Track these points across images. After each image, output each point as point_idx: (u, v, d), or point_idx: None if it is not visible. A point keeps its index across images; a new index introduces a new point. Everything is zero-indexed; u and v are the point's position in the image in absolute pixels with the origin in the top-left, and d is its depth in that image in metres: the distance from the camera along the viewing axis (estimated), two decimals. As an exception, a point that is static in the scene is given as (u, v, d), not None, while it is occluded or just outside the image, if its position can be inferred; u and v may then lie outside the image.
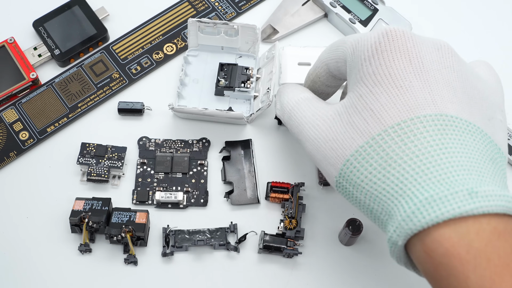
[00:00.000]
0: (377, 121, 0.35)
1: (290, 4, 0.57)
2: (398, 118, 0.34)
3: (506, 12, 0.59)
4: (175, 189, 0.49)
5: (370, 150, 0.35)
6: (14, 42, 0.54)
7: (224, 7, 0.58)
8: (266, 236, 0.46)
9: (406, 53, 0.36)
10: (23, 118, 0.52)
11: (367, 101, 0.36)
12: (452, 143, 0.33)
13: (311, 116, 0.41)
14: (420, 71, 0.36)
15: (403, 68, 0.36)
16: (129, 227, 0.45)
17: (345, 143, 0.37)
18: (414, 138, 0.34)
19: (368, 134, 0.35)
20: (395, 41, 0.36)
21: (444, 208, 0.31)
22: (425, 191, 0.32)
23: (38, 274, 0.46)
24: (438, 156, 0.33)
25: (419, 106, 0.35)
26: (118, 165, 0.49)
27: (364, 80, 0.37)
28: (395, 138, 0.34)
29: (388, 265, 0.47)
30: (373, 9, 0.56)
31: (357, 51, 0.38)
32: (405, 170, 0.33)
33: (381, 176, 0.34)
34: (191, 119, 0.52)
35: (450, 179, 0.32)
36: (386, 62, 0.36)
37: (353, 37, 0.39)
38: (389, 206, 0.34)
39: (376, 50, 0.37)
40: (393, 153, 0.34)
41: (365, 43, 0.37)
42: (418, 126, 0.34)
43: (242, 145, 0.51)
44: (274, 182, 0.48)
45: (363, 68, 0.37)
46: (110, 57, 0.55)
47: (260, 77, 0.52)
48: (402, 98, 0.35)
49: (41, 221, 0.48)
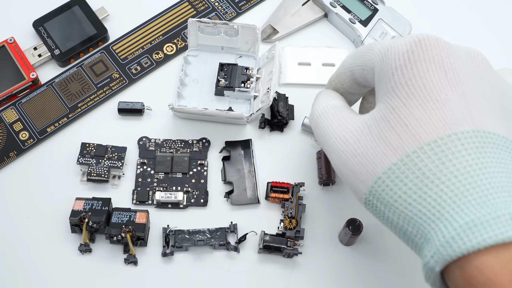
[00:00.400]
0: (412, 137, 0.33)
1: (290, 4, 0.57)
2: (434, 135, 0.32)
3: (506, 12, 0.59)
4: (175, 189, 0.49)
5: (405, 168, 0.33)
6: (14, 42, 0.54)
7: (224, 7, 0.58)
8: (266, 236, 0.46)
9: (440, 64, 0.34)
10: (23, 118, 0.52)
11: (400, 114, 0.34)
12: (491, 162, 0.32)
13: (337, 126, 0.38)
14: (455, 83, 0.34)
15: (438, 80, 0.34)
16: (129, 227, 0.45)
17: (376, 159, 0.34)
18: (452, 156, 0.32)
19: (402, 151, 0.33)
20: (429, 50, 0.34)
21: (486, 234, 0.29)
22: (465, 215, 0.30)
23: (38, 274, 0.46)
24: (478, 177, 0.31)
25: (456, 122, 0.33)
26: (118, 165, 0.49)
27: (396, 91, 0.35)
28: (432, 156, 0.32)
29: (388, 265, 0.47)
30: (373, 9, 0.56)
31: (386, 59, 0.36)
32: (443, 191, 0.31)
33: (416, 197, 0.32)
34: (191, 119, 0.52)
35: (491, 201, 0.30)
36: (420, 72, 0.34)
37: (382, 44, 0.37)
38: (426, 230, 0.32)
39: (409, 59, 0.34)
40: (430, 172, 0.32)
41: (396, 50, 0.35)
42: (456, 144, 0.32)
43: (242, 145, 0.51)
44: (274, 182, 0.48)
45: (394, 78, 0.35)
46: (110, 57, 0.55)
47: (260, 77, 0.52)
48: (439, 113, 0.33)
49: (41, 221, 0.48)
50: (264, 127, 0.51)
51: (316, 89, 0.54)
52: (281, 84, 0.54)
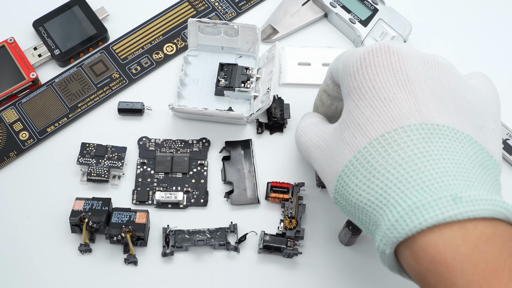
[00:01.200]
0: (363, 134, 0.36)
1: (290, 4, 0.57)
2: (382, 130, 0.35)
3: (505, 12, 0.59)
4: (175, 189, 0.49)
5: (357, 164, 0.35)
6: (14, 42, 0.54)
7: (224, 7, 0.58)
8: (266, 236, 0.46)
9: (389, 67, 0.36)
10: (23, 118, 0.52)
11: (354, 115, 0.37)
12: (437, 150, 0.33)
13: (315, 138, 0.42)
14: (404, 83, 0.36)
15: (386, 81, 0.36)
16: (129, 227, 0.45)
17: (337, 159, 0.37)
18: (398, 147, 0.34)
19: (355, 148, 0.36)
20: (379, 56, 0.37)
21: (427, 214, 0.31)
22: (408, 199, 0.32)
23: (38, 274, 0.46)
24: (422, 164, 0.33)
25: (403, 116, 0.35)
26: (118, 165, 0.49)
27: (351, 95, 0.37)
28: (379, 149, 0.34)
29: (388, 265, 0.47)
30: (373, 9, 0.56)
31: (345, 67, 0.39)
32: (389, 179, 0.33)
33: (365, 188, 0.34)
34: (191, 119, 0.52)
35: (434, 185, 0.32)
36: (370, 76, 0.37)
37: (348, 52, 0.40)
38: (375, 216, 0.34)
39: (361, 65, 0.37)
40: (377, 164, 0.34)
41: (351, 59, 0.38)
42: (402, 136, 0.34)
43: (242, 145, 0.51)
44: (274, 182, 0.48)
45: (349, 83, 0.38)
46: (110, 57, 0.55)
47: (260, 77, 0.52)
48: (386, 110, 0.35)
49: (41, 221, 0.48)
50: (262, 131, 0.51)
51: (316, 89, 0.54)
52: (281, 84, 0.54)
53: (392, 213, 0.32)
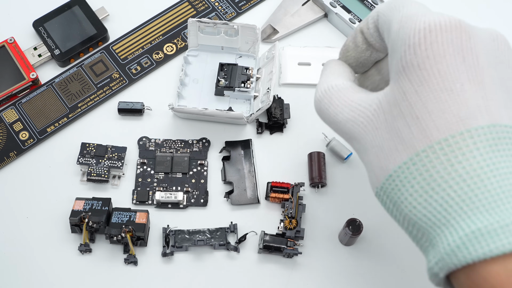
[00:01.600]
0: (423, 132, 0.31)
1: (290, 4, 0.57)
2: (446, 132, 0.30)
3: (507, 12, 0.59)
4: (175, 189, 0.49)
5: (413, 169, 0.31)
6: (14, 42, 0.54)
7: (224, 7, 0.58)
8: (266, 236, 0.46)
9: (459, 48, 0.31)
10: (23, 118, 0.52)
11: (412, 103, 0.32)
12: (504, 161, 0.30)
13: (350, 112, 0.35)
14: (474, 71, 0.31)
15: (455, 67, 0.31)
16: (129, 227, 0.45)
17: (389, 155, 0.32)
18: (463, 158, 0.30)
19: (412, 148, 0.31)
20: (448, 32, 0.31)
21: (493, 244, 0.28)
22: (472, 222, 0.29)
23: (38, 274, 0.46)
24: (488, 180, 0.29)
25: (470, 116, 0.30)
26: (118, 165, 0.49)
27: (407, 73, 0.32)
28: (441, 156, 0.30)
29: (388, 265, 0.47)
30: (373, 9, 0.56)
31: (403, 32, 0.32)
32: (450, 196, 0.30)
33: (422, 201, 0.31)
34: (191, 119, 0.52)
35: (501, 208, 0.29)
36: (436, 56, 0.31)
37: (408, 10, 0.33)
38: (431, 235, 0.31)
39: (425, 38, 0.31)
40: (438, 174, 0.30)
41: (413, 25, 0.32)
42: (468, 143, 0.30)
43: (242, 145, 0.51)
44: (274, 182, 0.48)
45: (406, 56, 0.32)
46: (110, 57, 0.55)
47: (260, 77, 0.52)
48: (453, 106, 0.31)
49: (41, 221, 0.48)
50: (262, 131, 0.51)
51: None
52: (281, 84, 0.54)
53: (453, 237, 0.29)
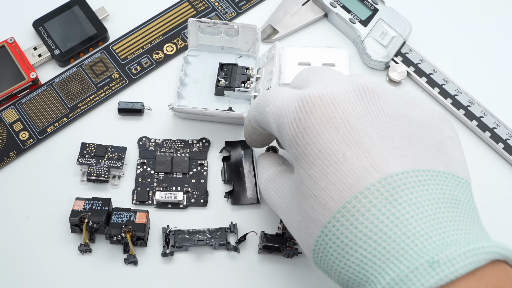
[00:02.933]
0: (323, 207, 0.33)
1: (290, 4, 0.57)
2: (342, 200, 0.32)
3: (505, 12, 0.59)
4: (175, 189, 0.49)
5: (327, 239, 0.33)
6: (14, 42, 0.54)
7: (224, 7, 0.58)
8: (266, 236, 0.46)
9: (329, 121, 0.34)
10: (23, 118, 0.52)
11: (308, 186, 0.34)
12: (403, 208, 0.31)
13: (278, 199, 0.40)
14: (350, 137, 0.33)
15: (331, 140, 0.33)
16: (129, 227, 0.45)
17: (306, 233, 0.35)
18: (363, 218, 0.31)
19: (320, 223, 0.33)
20: (313, 111, 0.34)
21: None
22: (386, 274, 0.30)
23: (38, 274, 0.46)
24: (391, 231, 0.31)
25: (359, 179, 0.32)
26: (118, 165, 0.49)
27: (299, 162, 0.35)
28: (345, 223, 0.32)
29: (388, 265, 0.47)
30: (373, 9, 0.56)
31: (281, 130, 0.36)
32: (362, 255, 0.31)
33: (343, 265, 0.32)
34: (191, 119, 0.52)
35: (409, 252, 0.30)
36: (312, 138, 0.34)
37: (274, 106, 0.37)
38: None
39: (298, 127, 0.34)
40: (347, 239, 0.32)
41: (285, 120, 0.35)
42: (364, 203, 0.32)
43: (242, 145, 0.51)
44: (274, 182, 0.48)
45: (292, 149, 0.35)
46: (110, 57, 0.55)
47: (260, 77, 0.52)
48: (340, 176, 0.33)
49: (41, 221, 0.48)
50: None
51: (316, 89, 0.54)
52: (281, 84, 0.54)
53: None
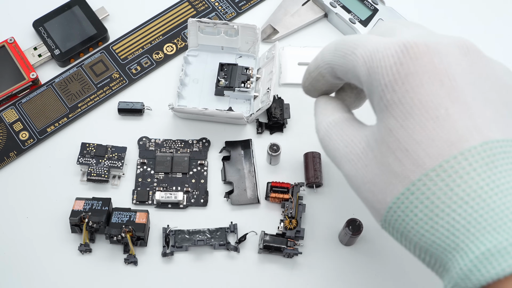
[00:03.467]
0: (415, 163, 0.31)
1: (290, 4, 0.57)
2: (439, 158, 0.30)
3: (506, 12, 0.59)
4: (175, 189, 0.49)
5: (413, 198, 0.31)
6: (14, 42, 0.54)
7: (224, 7, 0.58)
8: (266, 236, 0.46)
9: (434, 73, 0.31)
10: (23, 118, 0.52)
11: (399, 138, 0.31)
12: (503, 177, 0.29)
13: (344, 148, 0.36)
14: (454, 92, 0.31)
15: (435, 93, 0.31)
16: (129, 227, 0.45)
17: (384, 188, 0.32)
18: (461, 180, 0.29)
19: (407, 179, 0.31)
20: (419, 59, 0.31)
21: (504, 262, 0.27)
22: (481, 243, 0.28)
23: (38, 274, 0.46)
24: (490, 199, 0.29)
25: (461, 139, 0.30)
26: (118, 165, 0.49)
27: (391, 111, 0.32)
28: (439, 183, 0.30)
29: (388, 265, 0.47)
30: (373, 9, 0.56)
31: (374, 73, 0.33)
32: (455, 220, 0.29)
33: (428, 228, 0.30)
34: (191, 119, 0.52)
35: (508, 225, 0.28)
36: (414, 87, 0.31)
37: (365, 49, 0.34)
38: (443, 260, 0.31)
39: (399, 73, 0.31)
40: (439, 200, 0.30)
41: (382, 63, 0.32)
42: (464, 165, 0.30)
43: (242, 145, 0.51)
44: (274, 182, 0.48)
45: (386, 95, 0.32)
46: (110, 57, 0.55)
47: (260, 77, 0.52)
48: (441, 132, 0.30)
49: (41, 221, 0.48)
50: (262, 131, 0.52)
51: (316, 89, 0.54)
52: (281, 84, 0.54)
53: (464, 260, 0.29)
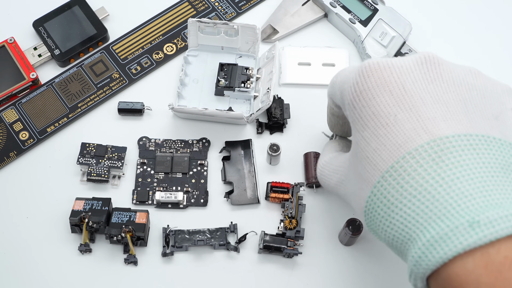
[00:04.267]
0: (373, 167, 0.34)
1: (290, 4, 0.57)
2: (391, 160, 0.33)
3: (506, 11, 0.59)
4: (175, 189, 0.49)
5: (375, 199, 0.34)
6: (14, 42, 0.54)
7: (224, 7, 0.58)
8: (266, 236, 0.46)
9: (384, 85, 0.35)
10: (23, 118, 0.52)
11: (362, 148, 0.35)
12: (449, 170, 0.31)
13: (335, 175, 0.41)
14: (403, 98, 0.34)
15: (385, 103, 0.34)
16: (129, 227, 0.45)
17: (360, 195, 0.36)
18: (409, 177, 0.32)
19: (370, 183, 0.34)
20: (370, 76, 0.35)
21: (446, 247, 0.29)
22: (427, 232, 0.31)
23: (38, 274, 0.46)
24: (435, 191, 0.31)
25: (408, 140, 0.33)
26: (118, 165, 0.49)
27: (355, 126, 0.36)
28: (392, 182, 0.33)
29: (388, 265, 0.47)
30: (373, 9, 0.56)
31: (343, 96, 0.37)
32: (406, 213, 0.32)
33: (388, 223, 0.33)
34: (191, 119, 0.52)
35: (451, 212, 0.30)
36: (367, 101, 0.35)
37: (340, 77, 0.39)
38: (403, 251, 0.33)
39: (355, 91, 0.36)
40: (393, 198, 0.33)
41: (346, 86, 0.37)
42: (411, 163, 0.32)
43: (242, 145, 0.51)
44: (274, 182, 0.48)
45: (351, 114, 0.36)
46: (110, 57, 0.55)
47: (260, 77, 0.52)
48: (390, 137, 0.34)
49: (41, 221, 0.48)
50: (262, 131, 0.52)
51: (316, 89, 0.54)
52: (281, 84, 0.54)
53: (415, 248, 0.31)
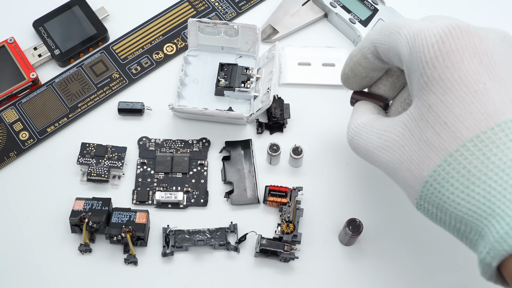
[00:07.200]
0: (453, 135, 0.32)
1: (290, 4, 0.57)
2: (476, 130, 0.31)
3: (508, 11, 0.59)
4: (175, 189, 0.49)
5: (450, 169, 0.32)
6: (14, 42, 0.54)
7: (224, 7, 0.58)
8: (263, 240, 0.46)
9: (474, 51, 0.32)
10: (23, 118, 0.52)
11: (438, 112, 0.33)
12: None
13: (377, 139, 0.38)
14: (492, 69, 0.32)
15: (474, 69, 0.32)
16: (129, 227, 0.45)
17: (421, 163, 0.33)
18: (497, 150, 0.30)
19: (445, 151, 0.32)
20: (460, 38, 0.33)
21: None
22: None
23: (38, 274, 0.46)
24: None
25: (498, 112, 0.31)
26: (118, 165, 0.49)
27: (430, 87, 0.33)
28: (476, 152, 0.31)
29: (388, 265, 0.47)
30: (373, 9, 0.56)
31: (415, 52, 0.34)
32: (492, 187, 0.30)
33: (465, 196, 0.31)
34: (191, 119, 0.52)
35: None
36: (454, 64, 0.32)
37: (409, 30, 0.35)
38: (479, 227, 0.31)
39: (440, 50, 0.33)
40: (476, 169, 0.31)
41: (424, 42, 0.33)
42: (500, 136, 0.31)
43: (242, 145, 0.51)
44: (272, 186, 0.48)
45: (426, 72, 0.33)
46: (110, 57, 0.55)
47: (260, 77, 0.52)
48: (479, 105, 0.32)
49: (41, 221, 0.48)
50: (262, 131, 0.52)
51: (316, 89, 0.54)
52: (281, 84, 0.54)
53: (501, 224, 0.29)
